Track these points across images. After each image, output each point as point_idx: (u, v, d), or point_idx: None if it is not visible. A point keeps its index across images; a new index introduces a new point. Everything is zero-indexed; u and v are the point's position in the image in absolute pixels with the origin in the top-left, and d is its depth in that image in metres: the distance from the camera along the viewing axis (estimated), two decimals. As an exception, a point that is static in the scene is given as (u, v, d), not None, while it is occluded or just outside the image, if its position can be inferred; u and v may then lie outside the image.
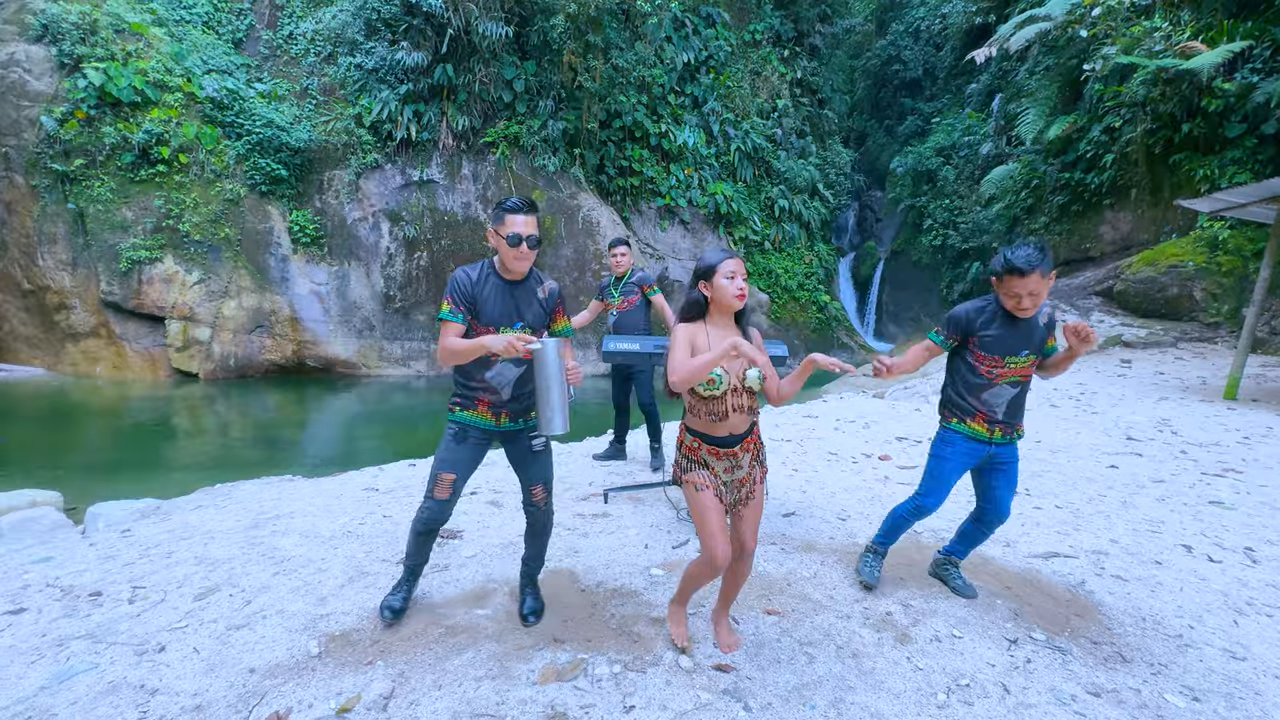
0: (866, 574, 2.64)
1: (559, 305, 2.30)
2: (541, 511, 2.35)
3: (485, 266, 2.21)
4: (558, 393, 2.02)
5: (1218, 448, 5.05)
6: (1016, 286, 2.14)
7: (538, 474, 2.31)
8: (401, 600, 2.35)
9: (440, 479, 2.21)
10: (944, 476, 2.45)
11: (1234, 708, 1.92)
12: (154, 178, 11.07)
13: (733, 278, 1.95)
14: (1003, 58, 17.55)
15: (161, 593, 2.53)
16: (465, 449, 2.23)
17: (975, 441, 2.39)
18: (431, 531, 2.31)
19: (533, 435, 2.28)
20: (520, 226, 2.09)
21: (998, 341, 2.28)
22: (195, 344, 11.25)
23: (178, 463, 6.97)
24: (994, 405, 2.34)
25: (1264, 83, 10.90)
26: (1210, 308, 11.58)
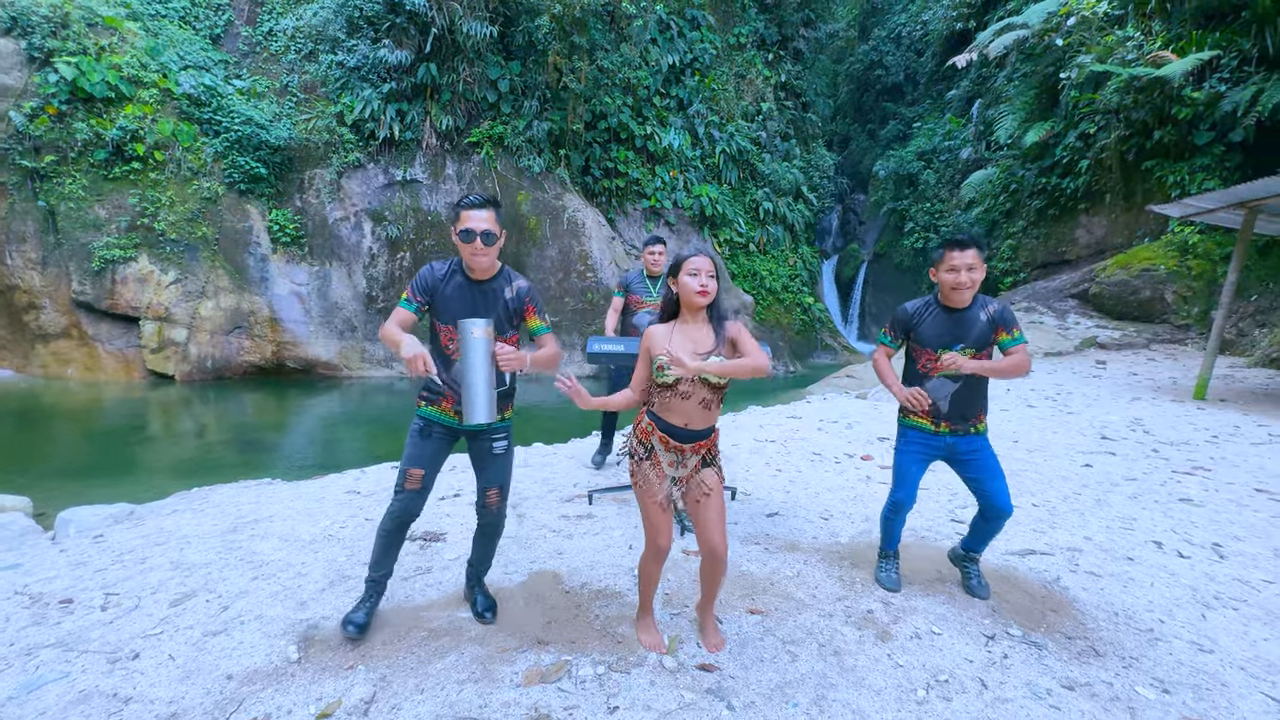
0: (884, 580, 2.66)
1: (529, 303, 2.23)
2: (493, 514, 2.31)
3: (454, 264, 2.19)
4: (481, 379, 1.92)
5: (1187, 446, 5.18)
6: (956, 259, 2.26)
7: (494, 476, 2.27)
8: (365, 615, 2.22)
9: (409, 474, 2.18)
10: (904, 470, 2.52)
11: (1201, 699, 1.98)
12: (128, 175, 10.83)
13: (695, 275, 1.97)
14: (982, 64, 17.89)
15: (135, 599, 2.48)
16: (430, 444, 2.20)
17: (923, 433, 2.46)
18: (402, 528, 2.22)
19: (495, 438, 2.23)
20: (474, 222, 2.05)
21: (930, 333, 2.37)
22: (171, 345, 11.02)
23: (153, 467, 6.82)
24: (936, 399, 2.39)
25: (1231, 92, 11.24)
26: (1181, 310, 11.89)
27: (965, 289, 2.28)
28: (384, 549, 2.25)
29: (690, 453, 2.03)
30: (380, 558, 2.26)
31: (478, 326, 1.93)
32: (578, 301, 13.23)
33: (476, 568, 2.42)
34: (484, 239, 2.07)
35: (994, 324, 2.34)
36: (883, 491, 3.98)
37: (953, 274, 2.28)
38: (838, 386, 10.14)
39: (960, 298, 2.32)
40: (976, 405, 2.42)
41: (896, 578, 2.66)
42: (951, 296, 2.34)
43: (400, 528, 2.24)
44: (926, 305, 2.44)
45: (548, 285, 13.23)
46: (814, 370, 15.04)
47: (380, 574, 2.29)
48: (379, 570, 2.28)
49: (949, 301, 2.37)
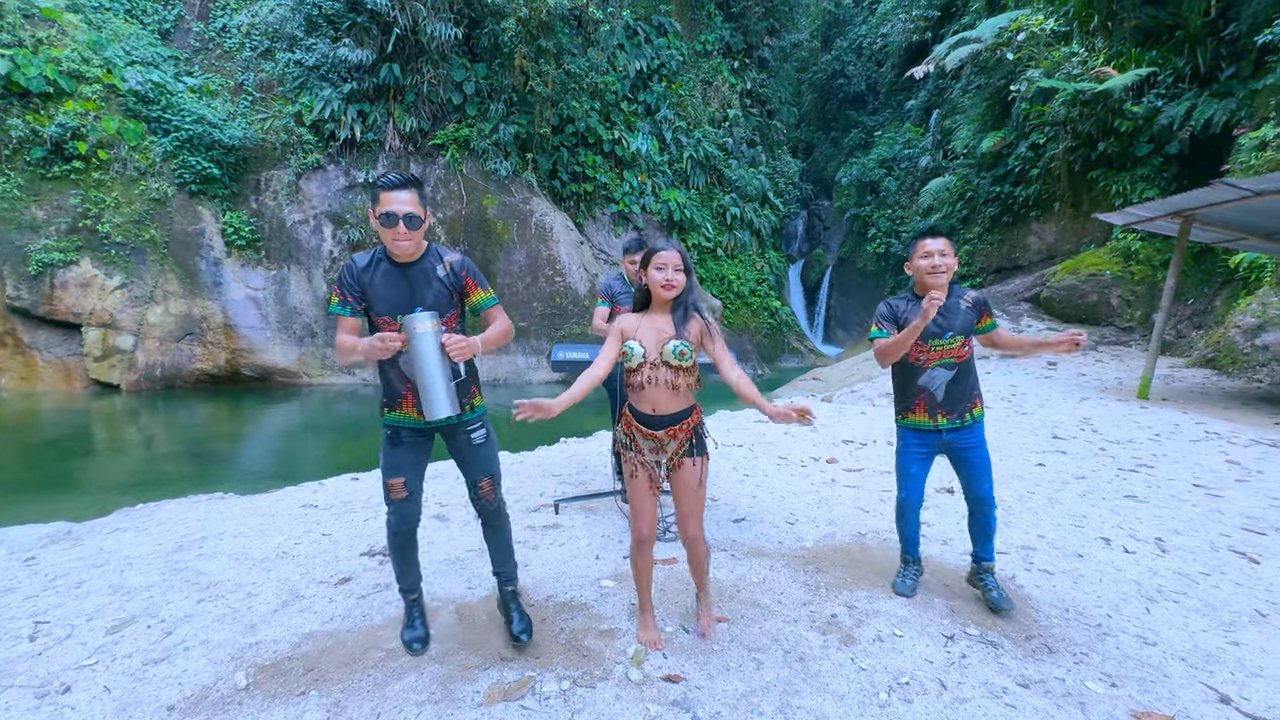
0: (899, 585, 2.66)
1: (467, 278, 2.09)
2: (491, 504, 2.22)
3: (378, 252, 2.05)
4: (436, 373, 1.85)
5: (1132, 444, 5.42)
6: (929, 245, 2.37)
7: (480, 468, 2.18)
8: (423, 627, 2.21)
9: (390, 485, 2.10)
10: (906, 470, 2.58)
11: (1146, 691, 2.06)
12: (69, 175, 10.31)
13: (662, 269, 2.02)
14: (939, 76, 18.51)
15: (68, 627, 2.33)
16: (403, 450, 2.11)
17: (922, 432, 2.51)
18: (408, 536, 2.16)
19: (470, 429, 2.14)
20: (395, 204, 1.90)
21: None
22: (116, 353, 10.51)
23: (95, 482, 6.48)
24: (931, 389, 2.46)
25: (1167, 107, 11.88)
26: (1125, 313, 12.49)
27: (941, 273, 2.35)
28: (401, 561, 2.20)
29: (667, 438, 2.08)
30: (402, 570, 2.21)
31: (422, 321, 1.85)
32: (546, 306, 13.14)
33: (500, 572, 2.30)
34: (407, 222, 1.92)
35: (978, 309, 2.47)
36: (848, 494, 4.04)
37: (928, 259, 2.37)
38: (804, 389, 10.31)
39: (936, 283, 2.38)
40: (971, 391, 2.49)
41: (914, 584, 2.65)
42: (928, 284, 2.40)
43: (406, 538, 2.17)
44: (908, 300, 2.50)
45: (516, 289, 13.10)
46: (781, 373, 15.26)
47: (408, 584, 2.23)
48: (406, 581, 2.23)
49: (927, 293, 2.40)
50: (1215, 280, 11.42)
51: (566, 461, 4.86)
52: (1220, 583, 2.85)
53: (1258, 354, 9.10)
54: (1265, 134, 9.44)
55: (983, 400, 2.57)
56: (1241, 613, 2.58)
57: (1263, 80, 10.24)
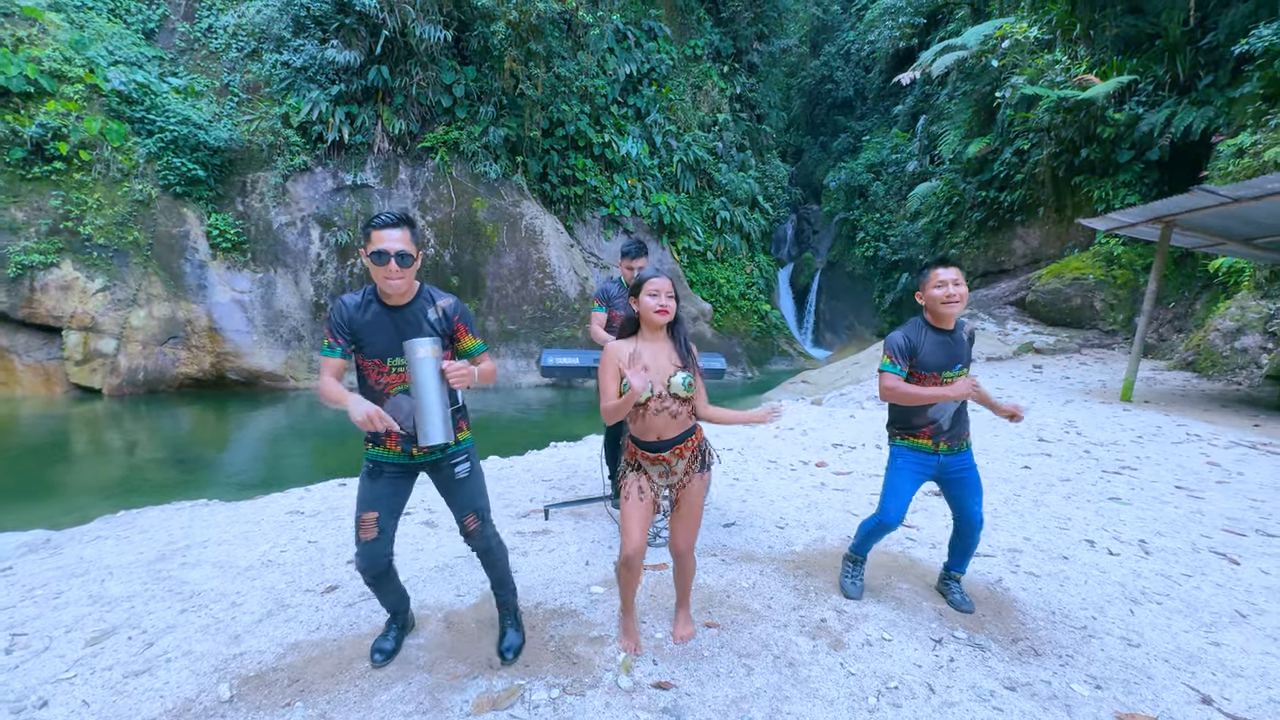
0: (848, 587, 2.70)
1: (459, 323, 2.07)
2: (480, 540, 2.17)
3: (368, 293, 2.02)
4: (434, 398, 1.86)
5: (1116, 446, 5.50)
6: (943, 274, 2.35)
7: (466, 503, 2.14)
8: (393, 641, 2.20)
9: (363, 521, 2.03)
10: (898, 490, 2.52)
11: (1130, 693, 2.08)
12: (50, 175, 10.14)
13: (655, 295, 2.05)
14: (925, 82, 18.71)
15: (46, 639, 2.28)
16: (382, 484, 2.06)
17: (922, 454, 2.49)
18: (380, 577, 2.09)
19: (455, 463, 2.12)
20: (387, 243, 1.89)
21: (933, 357, 2.40)
22: (98, 357, 10.34)
23: (75, 488, 6.36)
24: (939, 420, 2.45)
25: (1148, 114, 12.10)
26: (1108, 317, 12.67)
27: (955, 302, 2.33)
28: (379, 593, 2.17)
29: (674, 458, 2.11)
30: (382, 598, 2.19)
31: (424, 345, 1.86)
32: (536, 309, 13.10)
33: (498, 593, 2.30)
34: (399, 260, 1.91)
35: (971, 343, 2.48)
36: (837, 498, 4.06)
37: (942, 288, 2.34)
38: (794, 392, 10.35)
39: (950, 312, 2.36)
40: (967, 422, 2.52)
41: (861, 585, 2.71)
42: (942, 313, 2.37)
43: (378, 578, 2.10)
44: (919, 330, 2.44)
45: (505, 293, 13.06)
46: (771, 376, 15.32)
47: (391, 605, 2.22)
48: (389, 604, 2.21)
49: (939, 322, 2.42)
50: (1195, 284, 11.63)
51: (556, 466, 4.84)
52: (1202, 584, 2.89)
53: (1237, 357, 9.27)
54: (1243, 141, 9.63)
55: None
56: (1222, 613, 2.62)
57: (1240, 89, 10.45)
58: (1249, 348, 9.19)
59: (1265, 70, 9.81)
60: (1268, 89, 9.83)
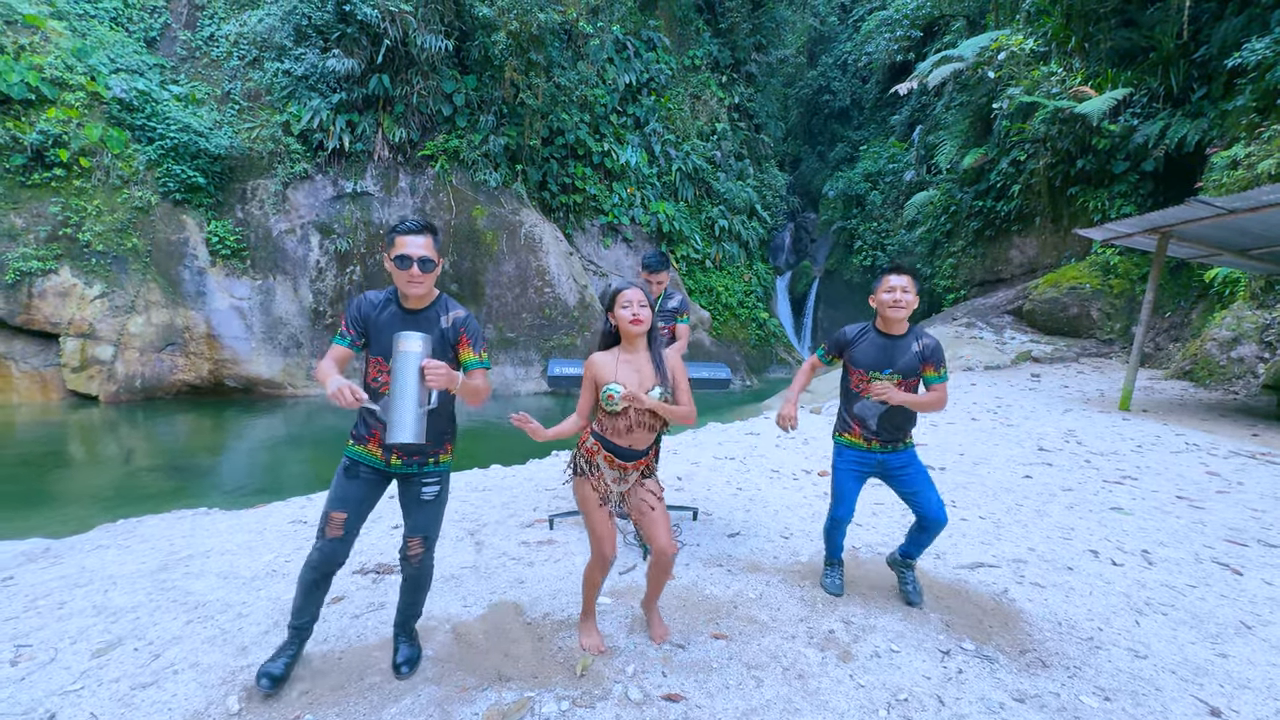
0: (829, 585, 2.81)
1: (464, 334, 2.08)
2: (414, 567, 2.12)
3: (390, 293, 2.09)
4: (406, 392, 1.83)
5: (1116, 456, 5.52)
6: (892, 281, 2.46)
7: (419, 524, 2.10)
8: (283, 666, 2.03)
9: (331, 518, 2.01)
10: (840, 486, 2.68)
11: (1139, 704, 2.09)
12: (50, 182, 10.14)
13: (627, 307, 2.11)
14: (922, 92, 18.90)
15: (52, 651, 2.27)
16: (356, 485, 2.05)
17: (856, 450, 2.62)
18: (324, 577, 2.05)
19: (425, 482, 2.09)
20: (410, 248, 1.96)
21: (864, 356, 2.54)
22: (95, 363, 10.29)
23: (73, 496, 6.31)
24: (865, 418, 2.57)
25: (1143, 125, 12.24)
26: (1105, 326, 12.75)
27: (901, 308, 2.45)
28: (304, 597, 2.07)
29: (631, 469, 2.20)
30: (302, 605, 2.07)
31: (411, 340, 1.86)
32: (535, 317, 13.11)
33: (402, 614, 2.22)
34: (421, 266, 1.97)
35: (924, 358, 2.51)
36: (839, 507, 4.07)
37: (890, 293, 2.46)
38: (793, 401, 10.36)
39: (897, 316, 2.47)
40: (905, 424, 2.59)
41: (840, 583, 2.82)
42: (889, 318, 2.50)
43: (322, 579, 2.06)
44: (864, 330, 2.61)
45: (505, 300, 13.07)
46: (770, 384, 15.34)
47: (302, 622, 2.10)
48: (300, 618, 2.09)
49: (886, 327, 2.55)
50: (1191, 294, 11.72)
51: (558, 475, 4.83)
52: (1206, 594, 2.90)
53: (1233, 366, 9.33)
54: (1236, 153, 9.74)
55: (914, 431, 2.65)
56: (1228, 624, 2.63)
57: (1233, 101, 10.58)
58: (1245, 357, 9.25)
59: (1258, 83, 9.94)
60: (1260, 102, 9.96)
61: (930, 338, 2.55)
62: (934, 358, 2.51)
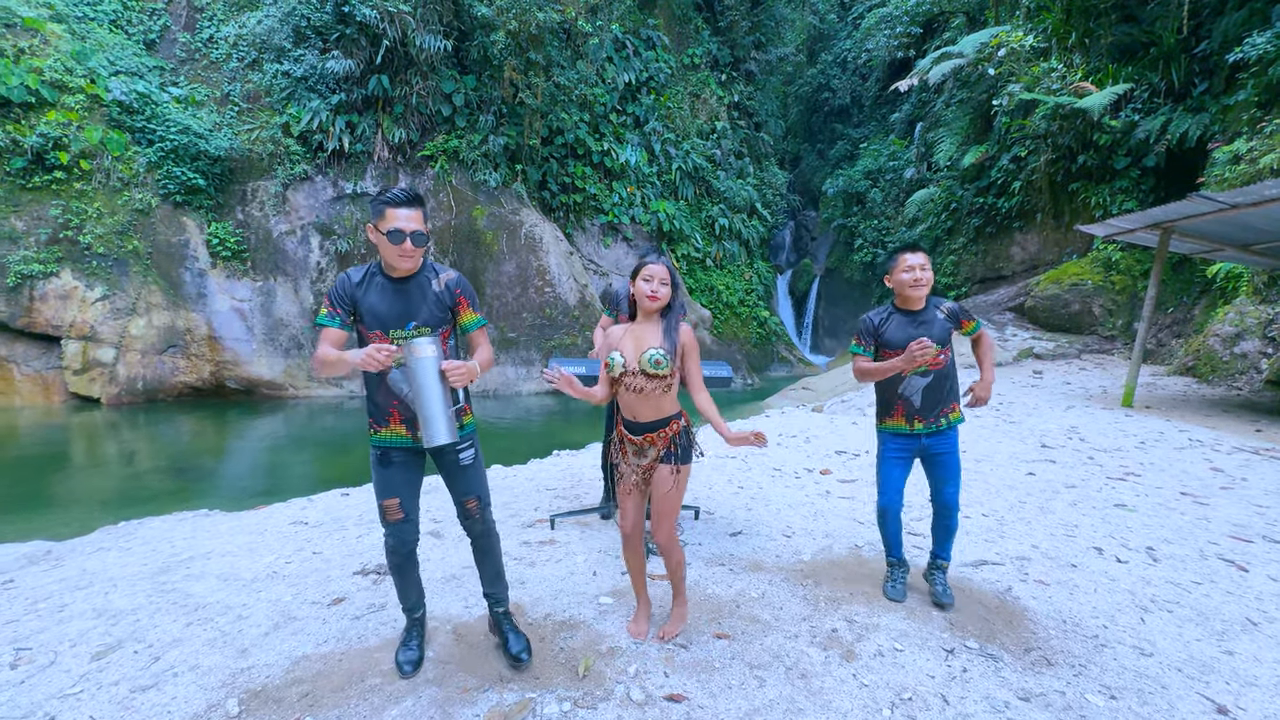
0: (890, 591, 2.74)
1: (461, 296, 2.08)
2: (479, 523, 2.19)
3: (371, 267, 2.06)
4: (436, 399, 1.85)
5: (1119, 452, 5.50)
6: (910, 260, 2.47)
7: (468, 487, 2.16)
8: (418, 649, 2.18)
9: (385, 507, 2.08)
10: (886, 474, 2.67)
11: (1145, 703, 2.07)
12: (50, 185, 10.15)
13: (649, 280, 2.13)
14: (922, 90, 18.83)
15: (52, 653, 2.26)
16: (394, 471, 2.08)
17: (900, 436, 2.62)
18: (406, 556, 2.14)
19: (460, 449, 2.12)
20: (402, 221, 1.92)
21: (897, 336, 2.54)
22: (97, 366, 10.31)
23: (75, 499, 6.32)
24: (908, 396, 2.57)
25: (1144, 121, 12.19)
26: (1107, 322, 12.71)
27: (922, 285, 2.47)
28: (401, 582, 2.18)
29: (645, 444, 2.21)
30: (402, 589, 2.19)
31: (423, 346, 1.85)
32: (536, 316, 13.10)
33: (491, 593, 2.26)
34: (414, 240, 1.94)
35: (955, 317, 2.56)
36: (843, 505, 4.05)
37: (909, 273, 2.47)
38: (795, 399, 10.35)
39: (918, 295, 2.50)
40: (948, 396, 2.58)
41: (902, 589, 2.73)
42: (909, 296, 2.51)
43: (405, 560, 2.14)
44: (886, 314, 2.61)
45: (505, 300, 13.06)
46: (771, 383, 15.32)
47: (410, 604, 2.21)
48: (408, 601, 2.21)
49: (906, 304, 2.56)
50: (1194, 290, 11.68)
51: (560, 475, 4.83)
52: (1211, 591, 2.88)
53: (1236, 362, 9.29)
54: (1238, 148, 9.70)
55: (960, 404, 2.64)
56: (1233, 621, 2.61)
57: (1234, 96, 10.54)
58: (1248, 353, 9.22)
59: (1259, 78, 9.89)
60: (1262, 96, 9.92)
61: (948, 300, 2.60)
62: (962, 314, 2.57)
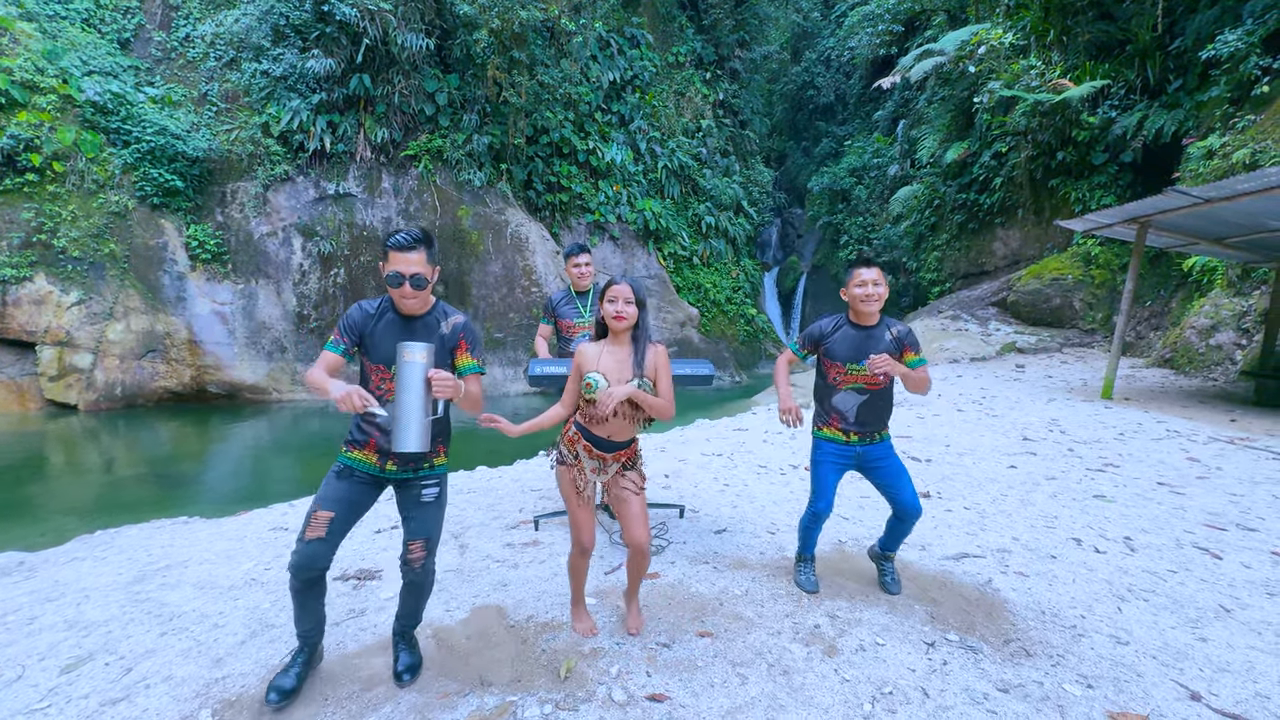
0: (805, 583, 2.79)
1: (463, 338, 2.09)
2: (416, 572, 2.06)
3: (385, 300, 2.07)
4: (414, 402, 1.83)
5: (1099, 444, 5.58)
6: (865, 274, 2.48)
7: (420, 528, 2.06)
8: (294, 678, 1.99)
9: (315, 517, 1.94)
10: (820, 479, 2.68)
11: (1121, 691, 2.10)
12: (22, 188, 9.92)
13: (613, 301, 2.15)
14: (905, 87, 18.98)
15: (19, 668, 2.21)
16: (346, 486, 2.01)
17: (835, 444, 2.63)
18: (309, 583, 1.96)
19: (425, 485, 2.07)
20: (402, 264, 1.92)
21: (840, 348, 2.56)
22: (73, 372, 10.10)
23: (51, 508, 6.18)
24: (843, 411, 2.59)
25: (1121, 117, 12.38)
26: (1087, 316, 12.90)
27: (874, 301, 2.48)
28: (300, 606, 2.00)
29: (611, 460, 2.25)
30: (298, 614, 2.02)
31: (415, 350, 1.85)
32: (522, 317, 13.04)
33: (402, 622, 2.18)
34: (413, 283, 1.94)
35: (900, 344, 2.54)
36: (826, 502, 4.07)
37: (862, 288, 2.49)
38: (782, 396, 10.39)
39: (869, 309, 2.51)
40: (883, 414, 2.61)
41: (815, 579, 2.81)
42: (861, 310, 2.53)
43: (308, 585, 1.97)
44: (838, 323, 2.63)
45: (492, 300, 12.98)
46: (759, 380, 15.36)
47: (303, 630, 2.05)
48: (301, 627, 2.05)
49: (859, 319, 2.57)
50: (1171, 283, 11.88)
51: (546, 475, 4.80)
52: (1186, 579, 2.93)
53: (1212, 353, 9.47)
54: (1212, 143, 9.88)
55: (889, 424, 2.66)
56: (1207, 609, 2.65)
57: (1207, 92, 10.73)
58: (1224, 344, 9.40)
59: (1231, 74, 10.08)
60: (1234, 92, 10.11)
61: (901, 325, 2.59)
62: (909, 341, 2.55)
